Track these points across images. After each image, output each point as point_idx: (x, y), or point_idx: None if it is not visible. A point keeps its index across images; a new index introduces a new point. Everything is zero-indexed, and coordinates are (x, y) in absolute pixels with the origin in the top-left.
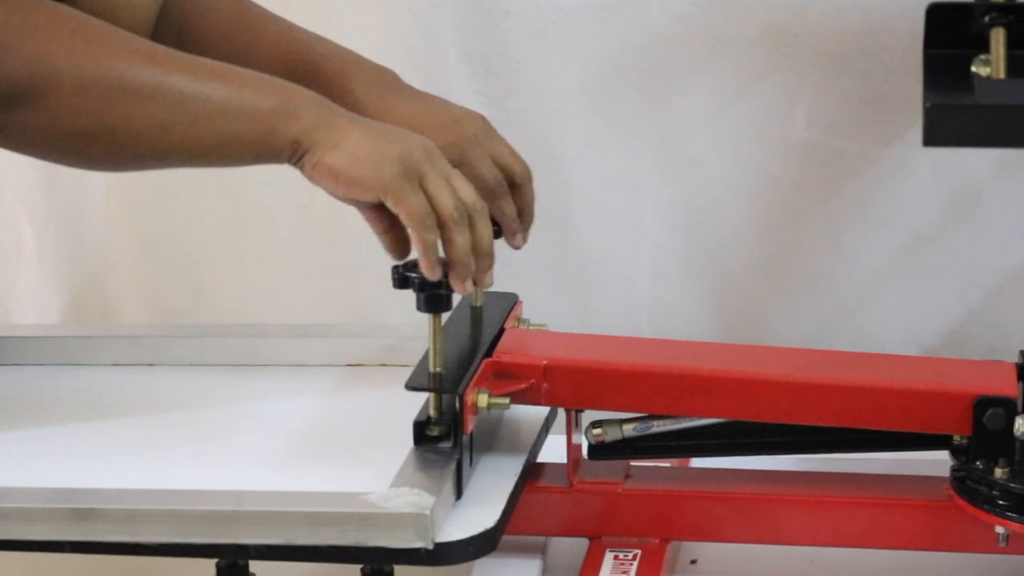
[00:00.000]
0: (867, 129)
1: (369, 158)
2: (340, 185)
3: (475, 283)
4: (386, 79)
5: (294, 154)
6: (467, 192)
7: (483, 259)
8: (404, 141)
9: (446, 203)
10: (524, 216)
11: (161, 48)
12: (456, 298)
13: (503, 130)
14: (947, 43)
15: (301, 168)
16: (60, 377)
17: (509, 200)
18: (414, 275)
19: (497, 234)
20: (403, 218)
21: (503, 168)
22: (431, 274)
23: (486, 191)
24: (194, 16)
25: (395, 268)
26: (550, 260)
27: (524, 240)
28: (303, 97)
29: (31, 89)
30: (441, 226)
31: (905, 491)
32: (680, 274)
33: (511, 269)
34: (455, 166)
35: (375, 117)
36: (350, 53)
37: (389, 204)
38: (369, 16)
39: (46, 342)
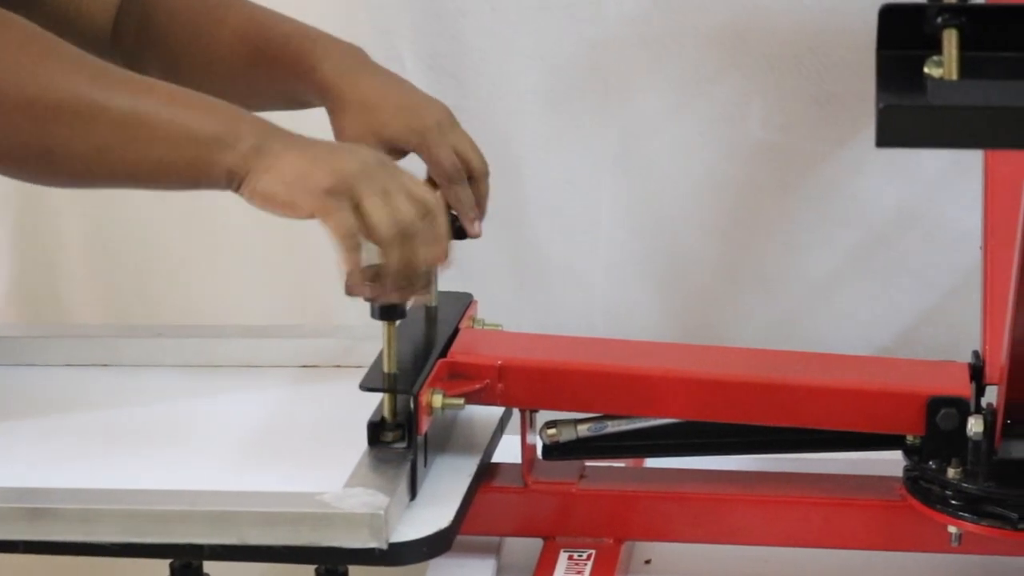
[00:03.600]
0: (821, 129)
1: (298, 179)
2: (274, 208)
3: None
4: (353, 55)
5: (231, 183)
6: (405, 211)
7: (416, 279)
8: (338, 158)
9: (378, 220)
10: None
11: (107, 67)
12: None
13: None
14: (900, 44)
15: (241, 195)
16: (13, 377)
17: (467, 188)
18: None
19: (460, 234)
20: (331, 236)
21: (461, 160)
22: (354, 292)
23: (444, 177)
24: (157, 4)
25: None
26: (506, 260)
27: (481, 230)
28: (244, 125)
29: None
30: (377, 243)
31: (858, 491)
32: (636, 274)
33: (466, 269)
34: (414, 151)
35: (340, 92)
36: (316, 30)
37: (320, 222)
38: (325, 16)
39: None
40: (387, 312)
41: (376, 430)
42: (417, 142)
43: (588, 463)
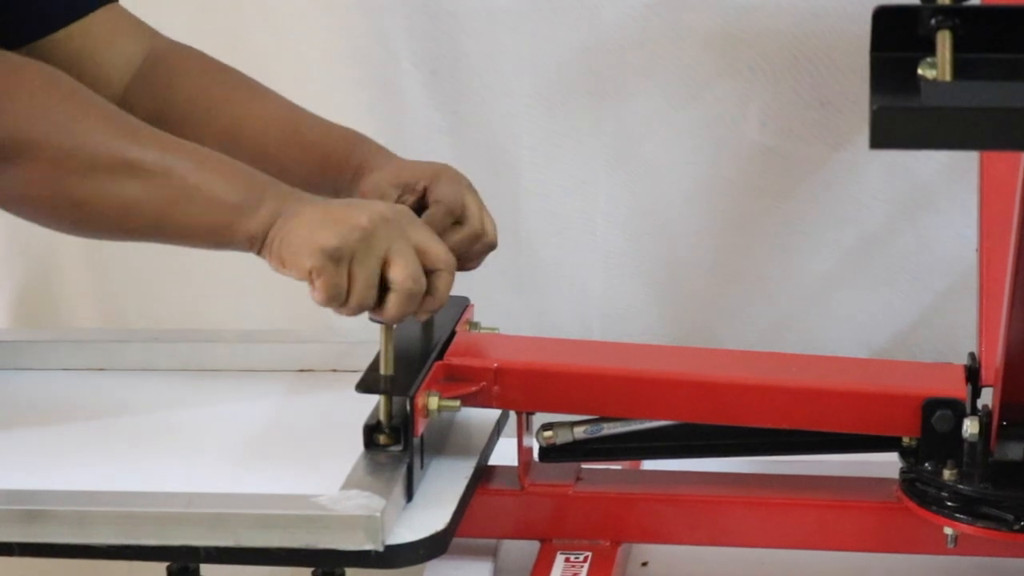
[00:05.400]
0: (818, 132)
1: (304, 242)
2: (282, 268)
3: None
4: (385, 149)
5: (252, 247)
6: (399, 271)
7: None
8: (349, 213)
9: (354, 292)
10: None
11: (142, 126)
12: None
13: (456, 133)
14: (894, 46)
15: (260, 254)
16: (9, 381)
17: (454, 230)
18: None
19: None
20: (313, 295)
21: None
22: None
23: (442, 208)
24: (177, 77)
25: None
26: (502, 263)
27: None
28: (268, 192)
29: (10, 150)
30: (342, 304)
31: (854, 493)
32: (632, 277)
33: (462, 272)
34: (424, 188)
35: (370, 164)
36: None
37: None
38: (321, 19)
39: None
40: None
41: (372, 433)
42: (431, 176)
43: (584, 465)
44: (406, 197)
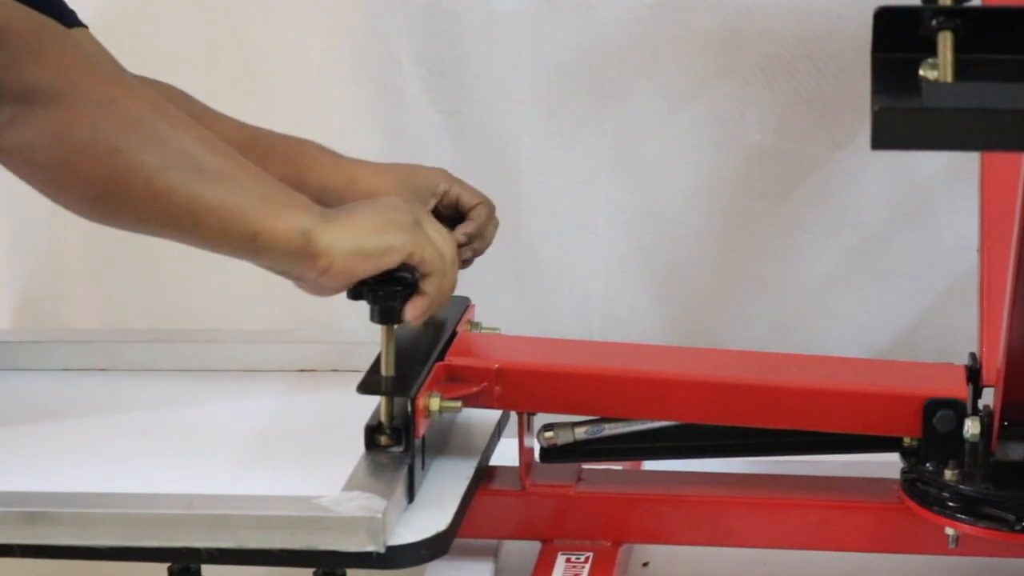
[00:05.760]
0: (818, 132)
1: (384, 225)
2: (369, 261)
3: None
4: (341, 154)
5: (306, 243)
6: (447, 240)
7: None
8: (391, 199)
9: (442, 244)
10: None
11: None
12: None
13: (456, 133)
14: (895, 47)
15: (316, 262)
16: (10, 381)
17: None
18: (367, 287)
19: None
20: (425, 268)
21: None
22: (419, 321)
23: (479, 200)
24: None
25: None
26: (503, 263)
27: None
28: (303, 197)
29: (59, 88)
30: (441, 268)
31: (856, 493)
32: (633, 277)
33: (463, 272)
34: (446, 187)
35: (343, 174)
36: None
37: (413, 258)
38: (322, 19)
39: None
40: (386, 315)
41: (373, 434)
42: (445, 178)
43: (585, 466)
44: (430, 201)
